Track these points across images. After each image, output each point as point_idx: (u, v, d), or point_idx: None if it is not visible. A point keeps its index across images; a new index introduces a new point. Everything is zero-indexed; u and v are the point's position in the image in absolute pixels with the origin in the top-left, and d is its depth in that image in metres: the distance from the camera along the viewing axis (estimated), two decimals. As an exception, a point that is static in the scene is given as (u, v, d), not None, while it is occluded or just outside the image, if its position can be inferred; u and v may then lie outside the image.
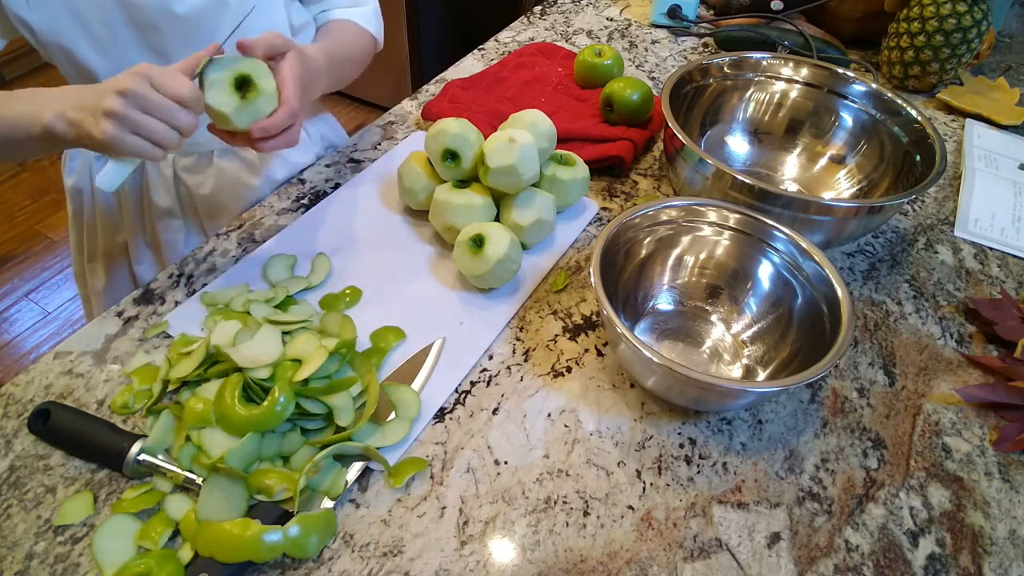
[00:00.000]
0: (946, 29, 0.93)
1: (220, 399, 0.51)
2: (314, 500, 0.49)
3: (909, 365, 0.63)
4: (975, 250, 0.77)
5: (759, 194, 0.63)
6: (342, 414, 0.52)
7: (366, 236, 0.71)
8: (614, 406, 0.58)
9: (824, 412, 0.59)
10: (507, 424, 0.56)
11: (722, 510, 0.51)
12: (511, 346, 0.62)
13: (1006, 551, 0.51)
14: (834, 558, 0.49)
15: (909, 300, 0.70)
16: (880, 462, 0.55)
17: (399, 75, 2.27)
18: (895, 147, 0.75)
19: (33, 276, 1.86)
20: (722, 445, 0.55)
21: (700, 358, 0.62)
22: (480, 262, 0.62)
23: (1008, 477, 0.55)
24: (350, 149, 0.84)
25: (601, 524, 0.50)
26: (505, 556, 0.48)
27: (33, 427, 0.51)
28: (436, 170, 0.70)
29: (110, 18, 0.62)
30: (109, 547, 0.45)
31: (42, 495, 0.49)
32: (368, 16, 0.81)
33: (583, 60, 0.92)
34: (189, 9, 0.64)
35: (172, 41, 0.66)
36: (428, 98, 0.93)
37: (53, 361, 0.58)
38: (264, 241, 0.70)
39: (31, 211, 2.05)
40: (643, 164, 0.85)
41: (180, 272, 0.66)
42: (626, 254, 0.63)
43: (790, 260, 0.61)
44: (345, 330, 0.59)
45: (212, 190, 0.78)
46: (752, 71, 0.83)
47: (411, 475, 0.51)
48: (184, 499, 0.48)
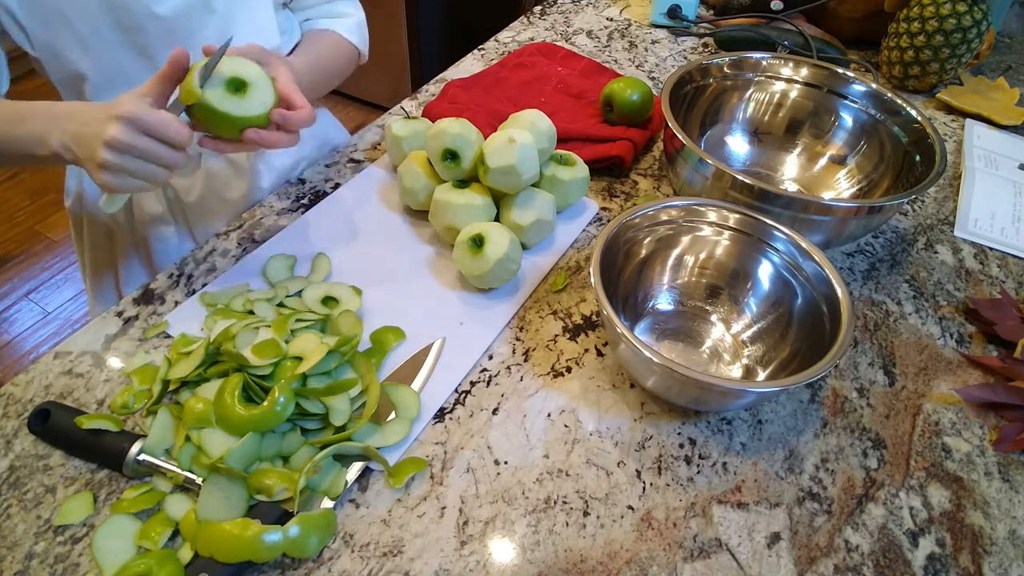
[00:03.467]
0: (946, 29, 0.93)
1: (220, 399, 0.51)
2: (314, 500, 0.49)
3: (909, 365, 0.63)
4: (975, 250, 0.77)
5: (759, 194, 0.63)
6: (337, 414, 0.52)
7: (366, 236, 0.71)
8: (614, 406, 0.58)
9: (824, 412, 0.59)
10: (507, 424, 0.56)
11: (722, 510, 0.51)
12: (511, 346, 0.62)
13: (1006, 551, 0.51)
14: (834, 558, 0.49)
15: (909, 300, 0.70)
16: (880, 462, 0.55)
17: (399, 75, 2.27)
18: (895, 147, 0.75)
19: (33, 276, 1.86)
20: (722, 445, 0.55)
21: (700, 358, 0.62)
22: (480, 262, 0.62)
23: (1008, 477, 0.55)
24: (350, 149, 0.84)
25: (601, 524, 0.50)
26: (505, 556, 0.48)
27: (33, 427, 0.51)
28: (436, 170, 0.70)
29: (94, 19, 0.62)
30: (109, 547, 0.45)
31: (42, 495, 0.49)
32: (352, 28, 0.81)
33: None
34: (171, 10, 0.64)
35: (156, 42, 0.66)
36: (428, 98, 0.93)
37: (53, 361, 0.58)
38: (264, 241, 0.70)
39: (31, 211, 2.05)
40: (643, 164, 0.85)
41: (180, 272, 0.66)
42: (626, 254, 0.63)
43: (790, 260, 0.61)
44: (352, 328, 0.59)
45: (200, 194, 0.78)
46: (752, 71, 0.83)
47: (411, 475, 0.51)
48: (184, 499, 0.48)
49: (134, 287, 0.72)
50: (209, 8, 0.66)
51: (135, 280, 0.84)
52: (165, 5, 0.64)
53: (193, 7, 0.65)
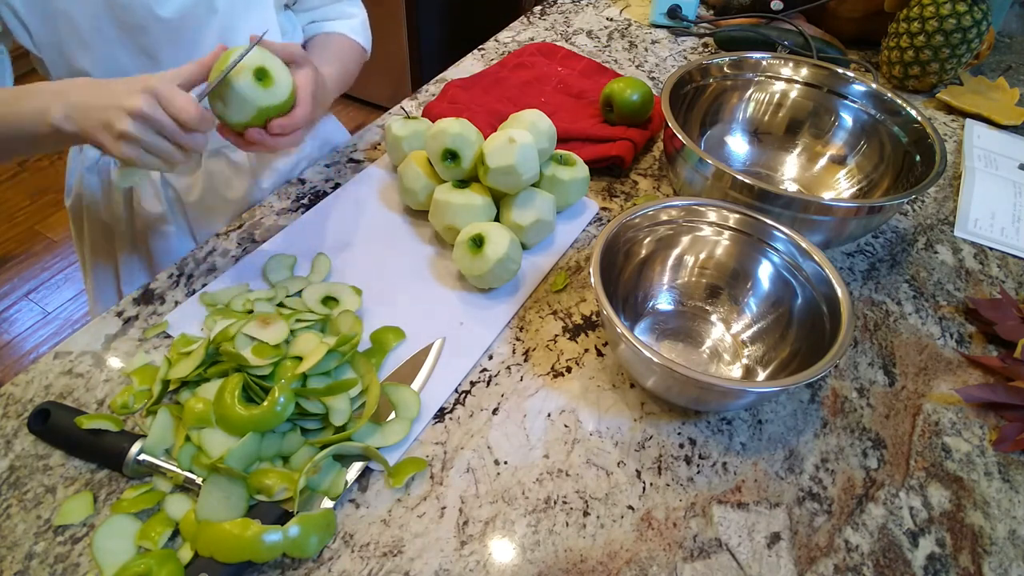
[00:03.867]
0: (946, 29, 0.93)
1: (220, 399, 0.51)
2: (314, 500, 0.49)
3: (909, 365, 0.63)
4: (975, 250, 0.77)
5: (759, 194, 0.63)
6: (337, 414, 0.52)
7: (366, 236, 0.71)
8: (614, 406, 0.58)
9: (824, 412, 0.59)
10: (507, 424, 0.56)
11: (722, 510, 0.51)
12: (511, 346, 0.62)
13: (1006, 551, 0.51)
14: (834, 558, 0.49)
15: (909, 300, 0.70)
16: (880, 462, 0.55)
17: (399, 75, 2.27)
18: (895, 147, 0.75)
19: (33, 276, 1.86)
20: (722, 445, 0.55)
21: (700, 358, 0.62)
22: (480, 262, 0.62)
23: (1008, 477, 0.55)
24: (350, 149, 0.84)
25: (601, 524, 0.50)
26: (505, 556, 0.48)
27: (33, 427, 0.51)
28: (436, 170, 0.70)
29: (96, 18, 0.62)
30: (109, 547, 0.45)
31: (42, 495, 0.49)
32: (357, 28, 0.81)
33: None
34: (174, 12, 0.64)
35: (159, 42, 0.66)
36: (428, 98, 0.93)
37: (53, 361, 0.58)
38: (264, 241, 0.70)
39: (31, 211, 2.05)
40: (643, 164, 0.85)
41: (180, 272, 0.66)
42: (626, 254, 0.63)
43: (790, 260, 0.61)
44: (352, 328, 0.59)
45: (201, 194, 0.78)
46: (752, 71, 0.83)
47: (411, 475, 0.51)
48: (184, 499, 0.48)
49: (134, 287, 0.72)
50: (212, 7, 0.67)
51: (135, 280, 0.84)
52: (168, 8, 0.64)
53: (195, 8, 0.65)
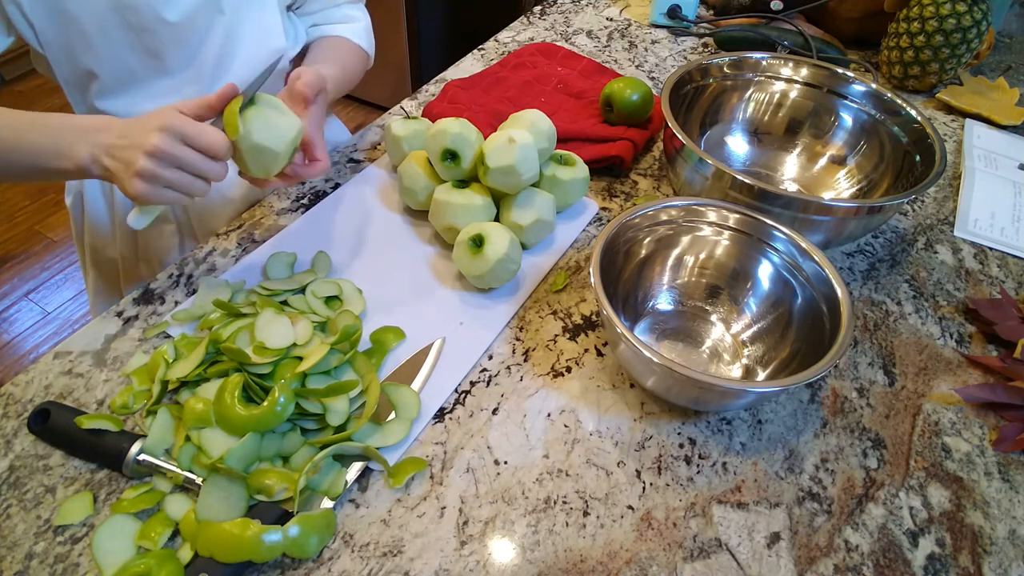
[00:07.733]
0: (946, 29, 0.93)
1: (220, 399, 0.51)
2: (314, 500, 0.49)
3: (909, 365, 0.63)
4: (975, 250, 0.77)
5: (759, 194, 0.63)
6: (335, 414, 0.52)
7: (366, 236, 0.71)
8: (614, 406, 0.58)
9: (824, 412, 0.59)
10: (507, 424, 0.56)
11: (722, 510, 0.51)
12: (511, 346, 0.62)
13: (1006, 551, 0.51)
14: (834, 558, 0.49)
15: (909, 300, 0.70)
16: (880, 462, 0.55)
17: (399, 75, 2.27)
18: (895, 147, 0.75)
19: (33, 276, 1.86)
20: (722, 445, 0.55)
21: (700, 358, 0.62)
22: (480, 262, 0.62)
23: (1008, 477, 0.55)
24: (350, 149, 0.84)
25: (601, 524, 0.50)
26: (505, 556, 0.48)
27: (33, 427, 0.51)
28: (436, 170, 0.70)
29: (102, 18, 0.62)
30: (109, 547, 0.45)
31: (42, 495, 0.49)
32: (360, 33, 0.81)
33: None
34: (180, 16, 0.64)
35: (165, 43, 0.66)
36: (428, 98, 0.93)
37: (53, 361, 0.58)
38: (264, 241, 0.70)
39: (31, 211, 2.05)
40: (643, 164, 0.85)
41: (180, 272, 0.66)
42: (626, 254, 0.63)
43: (790, 260, 0.61)
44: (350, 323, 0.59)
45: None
46: (752, 71, 0.83)
47: (411, 475, 0.51)
48: (184, 499, 0.48)
49: (134, 287, 0.72)
50: (218, 10, 0.67)
51: (135, 280, 0.84)
52: (174, 11, 0.64)
53: (201, 10, 0.65)
